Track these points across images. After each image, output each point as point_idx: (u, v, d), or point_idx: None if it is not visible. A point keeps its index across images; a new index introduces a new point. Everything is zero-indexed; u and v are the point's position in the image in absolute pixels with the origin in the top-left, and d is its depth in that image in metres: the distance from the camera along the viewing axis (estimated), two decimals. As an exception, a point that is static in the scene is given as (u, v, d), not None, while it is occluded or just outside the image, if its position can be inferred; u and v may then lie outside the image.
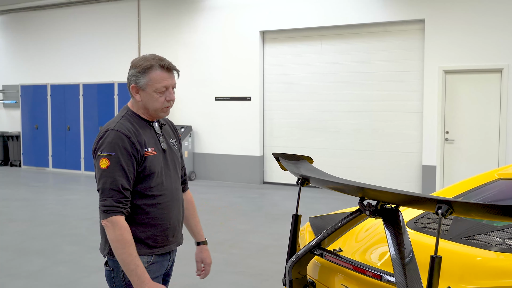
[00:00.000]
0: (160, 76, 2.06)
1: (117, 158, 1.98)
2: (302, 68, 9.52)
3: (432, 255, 1.58)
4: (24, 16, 12.79)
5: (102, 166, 1.98)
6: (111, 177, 1.97)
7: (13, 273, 4.70)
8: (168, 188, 2.14)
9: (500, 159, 7.86)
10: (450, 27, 8.10)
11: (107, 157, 1.98)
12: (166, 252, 2.16)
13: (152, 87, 2.06)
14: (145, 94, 2.08)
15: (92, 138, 11.36)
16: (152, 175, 2.07)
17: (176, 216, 2.18)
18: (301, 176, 2.28)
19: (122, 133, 2.02)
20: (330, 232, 2.17)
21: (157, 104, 2.09)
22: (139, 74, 2.06)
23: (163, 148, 2.17)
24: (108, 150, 1.99)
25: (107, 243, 2.09)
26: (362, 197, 2.01)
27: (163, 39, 10.78)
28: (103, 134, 2.04)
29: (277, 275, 4.63)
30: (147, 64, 2.05)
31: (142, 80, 2.06)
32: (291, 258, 2.24)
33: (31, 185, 9.88)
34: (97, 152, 2.03)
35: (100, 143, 2.03)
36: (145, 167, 2.05)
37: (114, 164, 1.97)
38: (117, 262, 2.06)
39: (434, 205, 1.62)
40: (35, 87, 12.22)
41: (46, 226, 6.47)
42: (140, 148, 2.05)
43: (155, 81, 2.06)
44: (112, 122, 2.10)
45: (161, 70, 2.06)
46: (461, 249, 1.99)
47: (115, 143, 1.99)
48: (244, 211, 7.44)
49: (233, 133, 10.12)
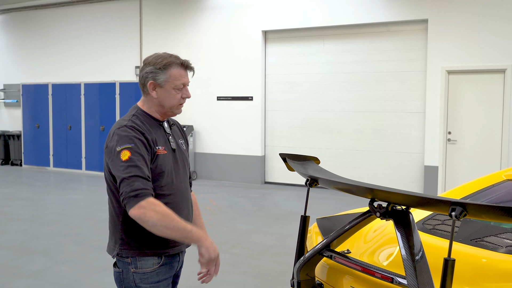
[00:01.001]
0: (179, 73, 2.09)
1: (137, 148, 1.98)
2: (304, 68, 9.51)
3: (445, 258, 1.57)
4: (25, 15, 12.77)
5: (124, 158, 1.95)
6: (135, 166, 1.94)
7: (15, 272, 4.68)
8: (178, 187, 2.13)
9: (502, 160, 7.85)
10: (453, 28, 8.09)
11: (127, 148, 1.96)
12: (175, 253, 2.14)
13: (171, 84, 2.08)
14: (163, 91, 2.09)
15: (93, 137, 11.35)
16: (163, 174, 2.06)
17: (185, 216, 2.16)
18: (310, 177, 2.27)
19: (136, 129, 2.03)
20: (340, 233, 2.16)
21: (174, 101, 2.11)
22: (159, 70, 2.07)
23: (172, 148, 2.17)
24: (127, 142, 1.98)
25: (116, 244, 2.07)
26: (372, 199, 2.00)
27: (165, 39, 10.76)
28: (117, 129, 2.03)
29: (281, 275, 4.62)
30: (167, 61, 2.07)
31: (162, 77, 2.07)
32: (299, 260, 2.23)
33: (32, 185, 9.87)
34: (116, 148, 1.99)
35: (116, 139, 2.00)
36: (156, 165, 2.04)
37: (135, 154, 1.96)
38: (126, 263, 2.05)
39: (447, 207, 1.61)
40: (36, 86, 12.20)
41: (49, 226, 6.46)
42: (153, 145, 2.05)
43: (174, 78, 2.08)
44: (123, 120, 2.09)
45: (180, 68, 2.09)
46: (471, 251, 1.98)
47: (132, 136, 2.00)
48: (246, 211, 7.43)
49: (235, 133, 10.11)
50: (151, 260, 2.05)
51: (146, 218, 1.88)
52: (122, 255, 2.06)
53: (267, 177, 10.02)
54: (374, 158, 8.94)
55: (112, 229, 2.12)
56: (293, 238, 5.88)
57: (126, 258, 2.05)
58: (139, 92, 10.69)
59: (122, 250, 2.05)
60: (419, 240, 1.84)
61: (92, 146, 11.38)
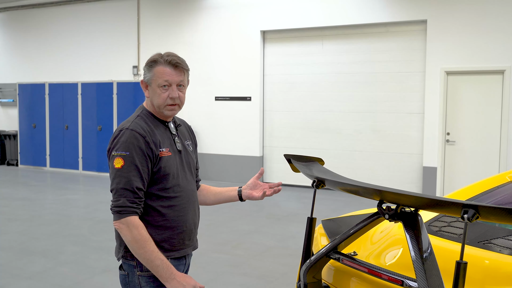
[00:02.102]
0: (163, 70, 2.04)
1: (132, 158, 1.95)
2: (303, 68, 9.50)
3: (457, 261, 1.56)
4: (22, 14, 12.70)
5: (117, 166, 1.95)
6: (125, 177, 1.94)
7: (16, 273, 4.65)
8: (184, 189, 2.11)
9: (501, 161, 7.87)
10: (452, 28, 8.10)
11: (122, 156, 1.95)
12: (181, 256, 2.12)
13: (155, 82, 2.05)
14: (151, 90, 2.08)
15: (90, 137, 11.31)
16: (168, 176, 2.04)
17: (192, 219, 2.15)
18: (317, 179, 2.25)
19: (137, 132, 1.99)
20: (347, 235, 2.15)
21: (160, 100, 2.05)
22: (146, 68, 2.08)
23: (178, 149, 2.14)
24: (123, 149, 1.96)
25: (121, 246, 2.05)
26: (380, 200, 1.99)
27: (163, 38, 10.73)
28: (117, 133, 2.01)
29: (283, 277, 4.61)
30: (153, 58, 2.06)
31: (148, 75, 2.07)
32: (306, 262, 2.22)
33: (30, 185, 9.82)
34: (112, 151, 2.00)
35: (114, 143, 2.00)
36: (160, 167, 2.02)
37: (128, 164, 1.94)
38: (132, 266, 2.03)
39: (459, 209, 1.60)
40: (33, 86, 12.15)
41: (48, 226, 6.43)
42: (155, 148, 2.01)
43: (157, 75, 2.04)
44: (127, 121, 2.07)
45: (164, 65, 2.04)
46: (480, 253, 1.98)
47: (129, 143, 1.96)
48: (246, 211, 7.42)
49: (233, 133, 10.09)
50: None
51: (122, 235, 1.96)
52: (127, 258, 2.04)
53: (265, 177, 10.00)
54: (373, 159, 8.94)
55: (117, 232, 2.10)
56: (294, 239, 5.88)
57: (131, 260, 2.03)
58: (136, 91, 10.72)
59: (127, 252, 2.04)
60: (429, 242, 1.83)
61: (89, 146, 11.34)
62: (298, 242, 5.75)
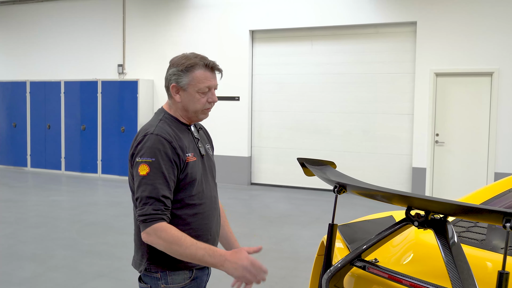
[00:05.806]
0: (204, 75, 1.94)
1: (158, 164, 1.83)
2: (293, 69, 9.45)
3: (499, 271, 1.52)
4: (3, 10, 12.35)
5: (142, 173, 1.83)
6: (151, 185, 1.81)
7: (4, 280, 4.47)
8: (208, 196, 2.02)
9: (489, 162, 7.96)
10: (442, 30, 8.16)
11: (147, 163, 1.83)
12: (205, 266, 2.03)
13: (194, 87, 1.94)
14: (186, 95, 1.95)
15: (74, 137, 11.05)
16: (194, 183, 1.93)
17: (215, 227, 2.06)
18: (338, 184, 2.19)
19: (163, 137, 1.87)
20: (373, 243, 2.09)
21: (198, 105, 1.96)
22: (181, 73, 1.93)
23: (201, 154, 2.04)
24: (148, 155, 1.84)
25: (143, 258, 1.94)
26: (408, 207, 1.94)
27: (150, 37, 10.56)
28: (142, 138, 1.89)
29: (282, 281, 4.54)
30: (190, 62, 1.93)
31: (184, 80, 1.93)
32: (327, 270, 2.15)
33: (12, 186, 9.54)
34: (136, 157, 1.87)
35: (139, 148, 1.87)
36: (186, 174, 1.91)
37: (154, 171, 1.82)
38: (156, 279, 1.92)
39: (499, 217, 1.55)
40: (13, 84, 11.83)
41: (35, 229, 6.22)
42: (182, 153, 1.90)
43: (198, 80, 1.93)
44: (150, 125, 1.94)
45: (204, 69, 1.95)
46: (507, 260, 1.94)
47: (155, 148, 1.84)
48: (237, 213, 7.32)
49: (221, 133, 9.98)
50: (182, 275, 1.93)
51: (154, 244, 1.81)
52: (151, 270, 1.93)
53: (253, 178, 9.93)
54: (363, 160, 8.95)
55: (138, 242, 1.98)
56: (289, 242, 5.81)
57: (155, 273, 1.92)
58: (122, 90, 10.51)
59: (151, 264, 1.92)
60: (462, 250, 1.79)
61: (73, 146, 11.08)
62: (293, 244, 5.69)
